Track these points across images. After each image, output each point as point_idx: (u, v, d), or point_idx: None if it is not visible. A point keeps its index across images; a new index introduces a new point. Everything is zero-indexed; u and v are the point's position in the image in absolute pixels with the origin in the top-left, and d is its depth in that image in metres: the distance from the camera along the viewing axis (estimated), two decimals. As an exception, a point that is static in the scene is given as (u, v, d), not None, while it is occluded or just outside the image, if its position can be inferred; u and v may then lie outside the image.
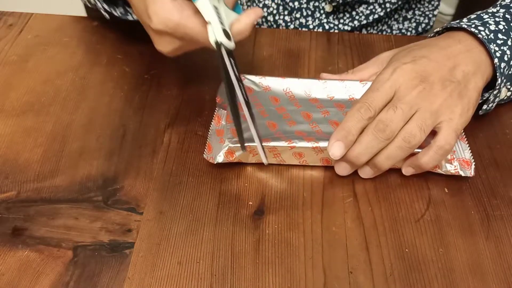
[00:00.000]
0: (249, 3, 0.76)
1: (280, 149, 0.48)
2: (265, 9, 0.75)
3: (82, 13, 0.79)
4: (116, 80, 0.59)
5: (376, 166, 0.48)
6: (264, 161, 0.49)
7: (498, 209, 0.47)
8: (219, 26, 0.43)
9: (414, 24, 0.78)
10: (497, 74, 0.50)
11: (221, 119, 0.51)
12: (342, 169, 0.49)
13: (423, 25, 0.78)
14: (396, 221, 0.46)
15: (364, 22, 0.74)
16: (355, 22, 0.74)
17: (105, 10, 0.59)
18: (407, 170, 0.49)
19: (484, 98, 0.53)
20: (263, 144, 0.47)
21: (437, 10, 0.78)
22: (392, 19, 0.77)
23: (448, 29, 0.54)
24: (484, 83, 0.50)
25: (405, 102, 0.46)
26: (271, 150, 0.48)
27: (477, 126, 0.54)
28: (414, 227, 0.46)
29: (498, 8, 0.54)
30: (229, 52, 0.44)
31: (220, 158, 0.48)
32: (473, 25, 0.51)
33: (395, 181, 0.49)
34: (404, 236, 0.45)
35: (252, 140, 0.47)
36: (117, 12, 0.60)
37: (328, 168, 0.50)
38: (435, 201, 0.48)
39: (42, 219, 0.46)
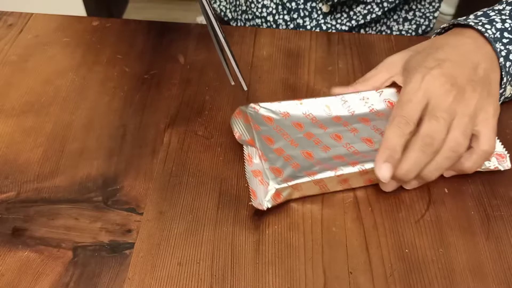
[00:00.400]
0: (247, 4, 0.76)
1: (327, 180, 0.46)
2: (264, 9, 0.75)
3: (82, 13, 0.79)
4: (116, 80, 0.59)
5: (423, 178, 0.47)
6: (244, 86, 0.48)
7: (498, 209, 0.47)
8: None
9: (414, 26, 0.77)
10: (503, 73, 0.50)
11: (252, 158, 0.49)
12: (390, 187, 0.48)
13: (423, 27, 0.78)
14: (396, 221, 0.46)
15: (362, 22, 0.74)
16: (353, 22, 0.74)
17: None
18: (448, 173, 0.49)
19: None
20: (309, 178, 0.45)
21: (437, 12, 0.77)
22: (392, 20, 0.77)
23: (454, 25, 0.54)
24: (499, 77, 0.51)
25: (444, 110, 0.46)
26: (317, 183, 0.46)
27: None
28: (414, 228, 0.46)
29: (504, 5, 0.54)
30: None
31: (268, 203, 0.45)
32: (480, 23, 0.51)
33: (395, 181, 0.49)
34: (404, 237, 0.45)
35: (295, 177, 0.45)
36: None
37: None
38: (435, 202, 0.48)
39: (42, 220, 0.46)
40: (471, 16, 0.53)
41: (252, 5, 0.75)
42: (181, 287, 0.41)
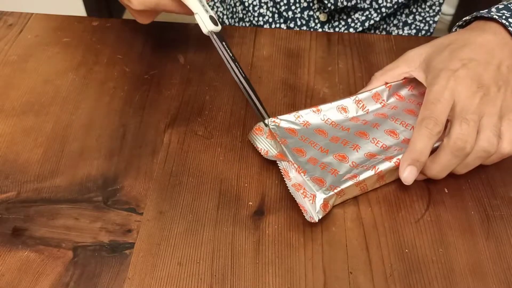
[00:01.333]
0: (244, 11, 0.76)
1: (367, 180, 0.46)
2: (260, 18, 0.75)
3: (82, 13, 0.79)
4: (116, 80, 0.59)
5: (452, 173, 0.47)
6: (266, 118, 0.51)
7: (498, 209, 0.47)
8: (207, 16, 0.50)
9: (414, 31, 0.77)
10: None
11: (289, 172, 0.48)
12: (411, 176, 0.47)
13: (423, 31, 0.77)
14: (396, 221, 0.46)
15: (360, 29, 0.73)
16: (351, 29, 0.74)
17: None
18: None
19: None
20: (352, 182, 0.46)
21: (438, 16, 0.77)
22: (391, 24, 0.76)
23: (477, 18, 0.53)
24: None
25: (473, 112, 0.45)
26: (358, 184, 0.46)
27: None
28: (414, 228, 0.46)
29: None
30: (219, 35, 0.51)
31: (319, 215, 0.45)
32: (504, 16, 0.50)
33: (395, 182, 0.49)
34: (404, 237, 0.45)
35: (339, 183, 0.46)
36: None
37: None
38: (435, 201, 0.48)
39: (42, 219, 0.46)
40: (493, 9, 0.52)
41: (249, 13, 0.75)
42: (181, 287, 0.41)
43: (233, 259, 0.43)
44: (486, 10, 0.52)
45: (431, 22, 0.77)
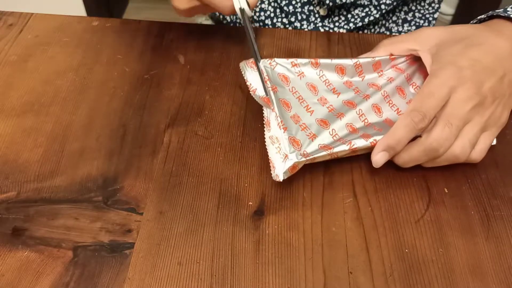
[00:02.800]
0: None
1: (340, 153, 0.47)
2: (262, 13, 0.75)
3: (82, 13, 0.80)
4: (116, 80, 0.59)
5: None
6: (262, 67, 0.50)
7: (498, 209, 0.47)
8: None
9: (413, 27, 0.77)
10: None
11: (270, 122, 0.48)
12: (381, 161, 0.47)
13: None
14: (396, 221, 0.46)
15: (360, 24, 0.74)
16: (351, 24, 0.74)
17: None
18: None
19: None
20: (325, 152, 0.46)
21: (437, 13, 0.77)
22: (391, 21, 0.77)
23: (493, 17, 0.52)
24: None
25: (460, 119, 0.46)
26: (331, 154, 0.47)
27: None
28: (414, 228, 0.46)
29: None
30: (247, 16, 0.52)
31: (286, 175, 0.46)
32: None
33: (395, 182, 0.49)
34: (404, 237, 0.45)
35: (313, 152, 0.46)
36: None
37: (328, 168, 0.50)
38: (435, 202, 0.48)
39: (42, 219, 0.46)
40: (509, 9, 0.51)
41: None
42: (181, 287, 0.41)
43: (233, 259, 0.43)
44: (503, 10, 0.52)
45: (430, 19, 0.77)
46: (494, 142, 0.50)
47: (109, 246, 0.44)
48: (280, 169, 0.45)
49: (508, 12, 0.51)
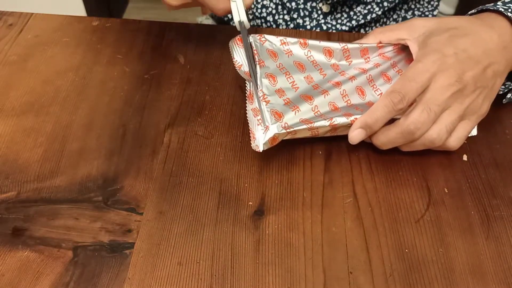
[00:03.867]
0: None
1: (321, 129, 0.48)
2: (264, 9, 0.75)
3: (82, 13, 0.80)
4: (116, 80, 0.59)
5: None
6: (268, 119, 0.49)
7: (498, 209, 0.47)
8: (243, 8, 0.53)
9: None
10: None
11: (253, 96, 0.50)
12: (358, 138, 0.48)
13: None
14: (396, 221, 0.46)
15: (362, 21, 0.74)
16: (353, 22, 0.74)
17: None
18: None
19: (511, 87, 0.54)
20: (305, 126, 0.47)
21: (436, 11, 0.77)
22: (391, 19, 0.77)
23: (483, 11, 0.53)
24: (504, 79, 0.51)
25: (439, 104, 0.47)
26: (311, 129, 0.48)
27: (477, 126, 0.54)
28: (414, 228, 0.46)
29: None
30: (246, 29, 0.53)
31: (266, 146, 0.47)
32: (510, 10, 0.50)
33: (395, 182, 0.49)
34: (404, 237, 0.45)
35: (294, 125, 0.47)
36: None
37: (328, 168, 0.50)
38: (435, 202, 0.48)
39: (42, 219, 0.46)
40: (499, 3, 0.52)
41: (252, 5, 0.75)
42: (181, 287, 0.41)
43: (233, 259, 0.43)
44: (493, 4, 0.52)
45: (430, 16, 0.77)
46: (474, 133, 0.51)
47: (109, 246, 0.44)
48: (260, 140, 0.46)
49: (497, 6, 0.51)
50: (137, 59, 0.61)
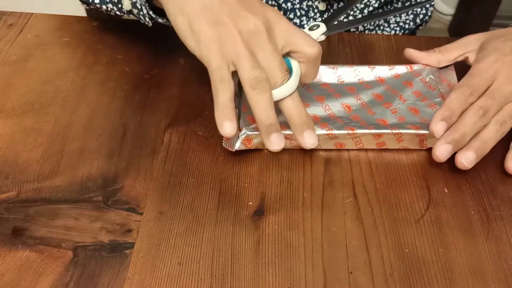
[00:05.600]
0: None
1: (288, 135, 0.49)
2: None
3: (82, 13, 0.79)
4: (116, 80, 0.59)
5: (479, 149, 0.49)
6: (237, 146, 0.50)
7: (498, 209, 0.47)
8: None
9: (412, 16, 0.77)
10: None
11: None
12: (445, 151, 0.48)
13: (421, 16, 0.78)
14: (396, 221, 0.46)
15: (359, 16, 0.73)
16: (350, 17, 0.74)
17: (150, 18, 0.56)
18: (468, 156, 0.49)
19: None
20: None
21: (433, 0, 0.77)
22: (389, 12, 0.77)
23: None
24: None
25: (503, 95, 0.50)
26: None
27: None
28: (414, 228, 0.46)
29: None
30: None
31: (237, 145, 0.49)
32: None
33: (395, 182, 0.49)
34: (404, 237, 0.45)
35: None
36: (162, 20, 0.56)
37: (328, 168, 0.50)
38: (435, 201, 0.48)
39: (42, 219, 0.46)
40: None
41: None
42: (181, 287, 0.41)
43: (233, 259, 0.43)
44: None
45: (427, 5, 0.77)
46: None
47: (109, 246, 0.44)
48: (234, 140, 0.49)
49: None
50: (137, 59, 0.61)
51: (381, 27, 0.77)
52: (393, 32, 0.77)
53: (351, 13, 0.74)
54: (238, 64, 0.45)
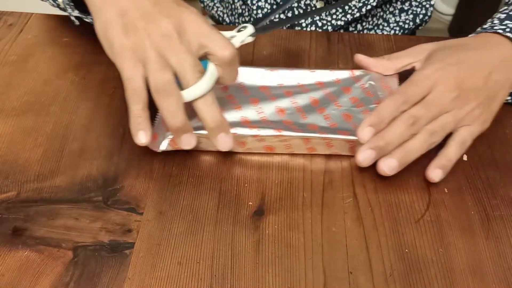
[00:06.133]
0: (243, 7, 0.76)
1: (202, 135, 0.49)
2: (259, 11, 0.75)
3: (82, 13, 0.79)
4: (116, 80, 0.58)
5: (403, 157, 0.48)
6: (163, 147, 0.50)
7: (498, 209, 0.47)
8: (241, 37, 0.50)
9: (411, 16, 0.77)
10: None
11: None
12: (367, 157, 0.48)
13: (421, 16, 0.77)
14: (396, 221, 0.46)
15: (357, 15, 0.73)
16: (348, 16, 0.73)
17: (76, 17, 0.58)
18: (437, 173, 0.49)
19: None
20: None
21: (433, 0, 0.77)
22: (388, 12, 0.76)
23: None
24: (508, 93, 0.53)
25: (438, 105, 0.49)
26: (200, 136, 0.49)
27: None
28: (414, 228, 0.46)
29: None
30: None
31: (163, 146, 0.49)
32: (508, 29, 0.53)
33: (395, 182, 0.49)
34: (404, 237, 0.45)
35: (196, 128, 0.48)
36: (88, 19, 0.58)
37: (328, 168, 0.50)
38: (435, 202, 0.48)
39: (42, 219, 0.46)
40: (496, 21, 0.55)
41: (248, 8, 0.75)
42: (181, 287, 0.41)
43: (233, 259, 0.43)
44: (490, 24, 0.55)
45: (427, 6, 0.77)
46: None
47: (109, 246, 0.44)
48: (160, 140, 0.49)
49: (495, 28, 0.54)
50: (137, 59, 0.61)
51: (381, 27, 0.77)
52: (392, 32, 0.77)
53: (349, 11, 0.73)
54: (146, 68, 0.45)
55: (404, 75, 0.54)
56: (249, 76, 0.55)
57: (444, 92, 0.49)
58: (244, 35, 0.50)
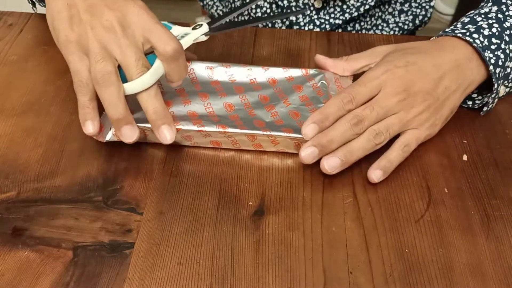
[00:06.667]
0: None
1: (147, 129, 0.49)
2: (258, 10, 0.75)
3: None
4: (116, 80, 0.58)
5: (345, 157, 0.48)
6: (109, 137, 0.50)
7: (498, 209, 0.47)
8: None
9: (411, 17, 0.77)
10: (493, 79, 0.52)
11: None
12: (310, 157, 0.48)
13: (420, 17, 0.77)
14: (396, 221, 0.46)
15: (356, 14, 0.73)
16: (346, 15, 0.73)
17: (32, 3, 0.59)
18: (376, 174, 0.48)
19: (484, 102, 0.54)
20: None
21: (433, 1, 0.77)
22: (387, 13, 0.76)
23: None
24: (462, 99, 0.53)
25: (383, 107, 0.49)
26: (143, 131, 0.49)
27: (477, 126, 0.54)
28: (414, 228, 0.46)
29: (490, 6, 0.55)
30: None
31: (108, 136, 0.49)
32: (468, 33, 0.52)
33: (395, 182, 0.49)
34: (404, 237, 0.45)
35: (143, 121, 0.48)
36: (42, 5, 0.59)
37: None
38: (435, 201, 0.48)
39: (42, 219, 0.46)
40: (459, 25, 0.54)
41: (247, 6, 0.75)
42: (181, 287, 0.41)
43: (233, 259, 0.43)
44: (452, 28, 0.54)
45: (427, 7, 0.77)
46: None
47: (109, 246, 0.44)
48: (106, 131, 0.49)
49: (456, 32, 0.53)
50: (137, 59, 0.61)
51: (380, 27, 0.77)
52: (392, 32, 0.77)
53: (347, 10, 0.73)
54: (89, 59, 0.46)
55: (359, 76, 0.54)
56: (203, 71, 0.55)
57: (391, 94, 0.49)
58: (198, 33, 0.50)
